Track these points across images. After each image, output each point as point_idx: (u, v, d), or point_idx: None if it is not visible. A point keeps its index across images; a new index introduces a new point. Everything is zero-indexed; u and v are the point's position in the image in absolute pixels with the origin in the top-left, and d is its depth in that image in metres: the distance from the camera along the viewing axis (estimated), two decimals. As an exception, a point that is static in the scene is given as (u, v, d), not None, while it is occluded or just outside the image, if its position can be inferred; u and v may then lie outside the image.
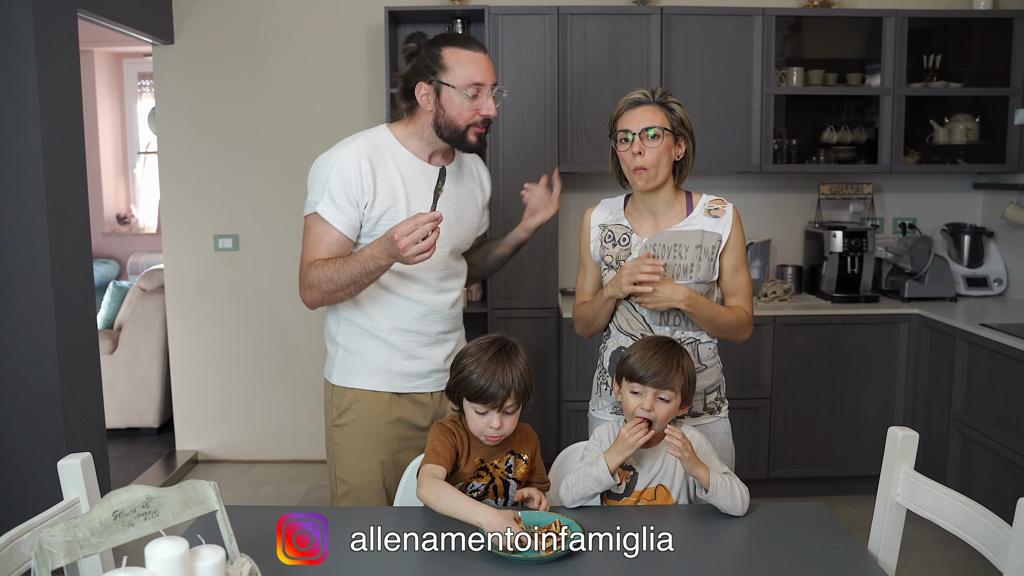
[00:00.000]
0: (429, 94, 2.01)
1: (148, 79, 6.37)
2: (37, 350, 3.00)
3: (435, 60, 1.99)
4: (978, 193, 4.25)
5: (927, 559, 3.22)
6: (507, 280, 3.86)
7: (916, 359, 3.69)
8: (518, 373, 1.79)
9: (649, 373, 1.79)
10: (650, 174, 2.01)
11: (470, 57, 1.99)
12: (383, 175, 2.01)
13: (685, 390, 1.83)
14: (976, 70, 4.05)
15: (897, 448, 1.71)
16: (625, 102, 2.05)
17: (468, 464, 1.85)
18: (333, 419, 2.13)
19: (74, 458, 1.58)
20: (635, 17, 3.77)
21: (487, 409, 1.79)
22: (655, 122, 2.00)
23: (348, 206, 1.98)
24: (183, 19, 4.10)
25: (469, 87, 1.98)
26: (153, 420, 4.72)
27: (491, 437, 1.81)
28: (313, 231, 2.00)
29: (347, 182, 1.97)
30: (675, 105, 2.03)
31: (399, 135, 2.08)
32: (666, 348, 1.84)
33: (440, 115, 2.01)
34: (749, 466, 3.71)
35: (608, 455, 1.78)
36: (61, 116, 3.05)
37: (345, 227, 1.99)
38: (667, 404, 1.81)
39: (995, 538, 1.46)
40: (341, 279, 1.94)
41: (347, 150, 2.00)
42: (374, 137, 2.06)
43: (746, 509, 1.78)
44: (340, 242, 2.00)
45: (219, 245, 4.24)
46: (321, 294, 1.98)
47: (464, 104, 1.99)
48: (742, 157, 3.86)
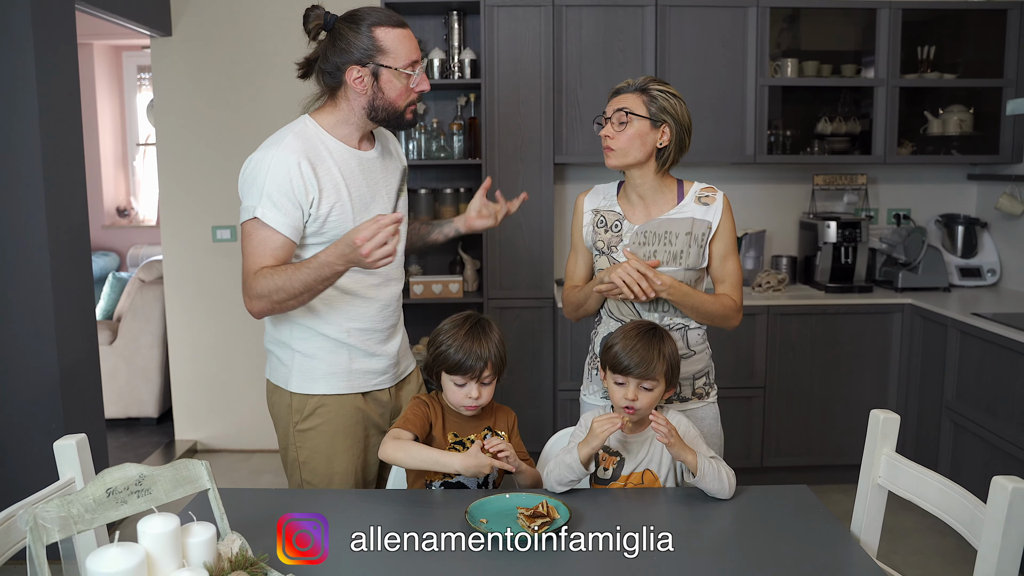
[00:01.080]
0: (364, 77, 1.91)
1: (147, 72, 6.39)
2: (37, 340, 3.03)
3: (367, 41, 1.89)
4: (972, 184, 4.27)
5: (919, 547, 3.25)
6: (503, 270, 3.89)
7: (909, 349, 3.72)
8: (493, 346, 1.87)
9: (632, 364, 1.81)
10: (616, 153, 2.06)
11: (404, 35, 1.93)
12: (323, 171, 1.92)
13: (669, 376, 1.85)
14: (970, 61, 4.06)
15: (879, 431, 1.74)
16: (612, 91, 2.11)
17: (442, 435, 1.90)
18: (295, 424, 2.04)
19: (70, 439, 1.61)
20: (630, 8, 3.78)
21: (465, 380, 1.86)
22: (625, 104, 2.04)
23: (290, 207, 1.87)
24: (181, 11, 4.12)
25: (407, 66, 1.92)
26: (152, 410, 4.76)
27: (470, 407, 1.88)
28: (255, 237, 1.89)
29: (289, 183, 1.86)
30: (658, 92, 2.05)
31: (326, 124, 1.98)
32: (647, 336, 1.85)
33: (378, 97, 1.93)
34: (743, 455, 3.75)
35: (580, 446, 1.80)
36: (59, 109, 3.07)
37: (289, 230, 1.88)
38: (650, 392, 1.83)
39: (971, 516, 1.49)
40: (294, 287, 1.84)
41: (282, 150, 1.89)
42: (303, 132, 1.95)
43: (732, 492, 1.81)
44: (285, 246, 1.89)
45: (217, 236, 4.27)
46: (271, 304, 1.87)
47: (404, 84, 1.93)
48: (737, 148, 3.89)
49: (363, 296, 2.02)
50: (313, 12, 1.94)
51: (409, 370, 2.21)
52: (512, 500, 1.71)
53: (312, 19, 1.94)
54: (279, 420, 2.09)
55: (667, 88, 2.07)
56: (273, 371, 2.09)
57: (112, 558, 1.21)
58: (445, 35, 3.99)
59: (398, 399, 2.16)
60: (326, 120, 1.99)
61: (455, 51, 3.94)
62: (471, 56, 3.91)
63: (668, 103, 2.04)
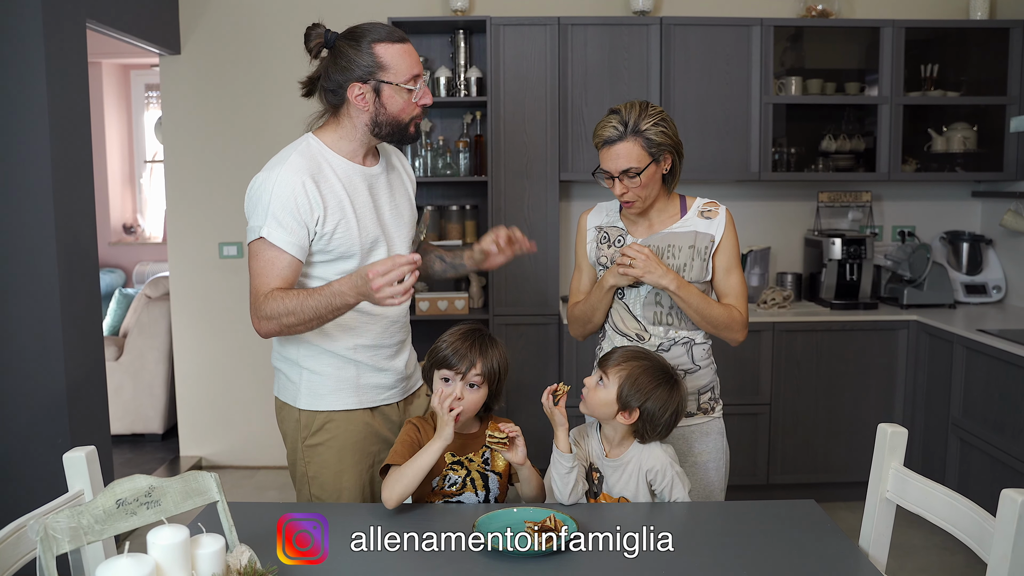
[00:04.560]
0: (366, 94, 1.92)
1: (155, 90, 6.45)
2: (44, 355, 3.03)
3: (368, 58, 1.90)
4: (976, 201, 4.28)
5: (925, 564, 3.24)
6: (508, 287, 3.90)
7: (915, 365, 3.71)
8: (488, 355, 1.86)
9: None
10: (637, 205, 2.07)
11: (405, 50, 1.93)
12: (327, 188, 1.92)
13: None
14: (973, 79, 4.08)
15: (886, 444, 1.74)
16: (599, 138, 2.04)
17: (439, 457, 1.85)
18: (303, 440, 2.04)
19: (79, 451, 1.61)
20: (635, 27, 3.82)
21: (452, 375, 1.85)
22: (631, 162, 2.00)
23: (296, 226, 1.88)
24: (190, 30, 4.16)
25: (409, 81, 1.92)
26: (157, 426, 4.76)
27: (451, 408, 1.79)
28: (262, 257, 1.90)
29: (294, 202, 1.87)
30: (651, 130, 2.00)
31: (328, 142, 1.99)
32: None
33: (380, 113, 1.94)
34: (748, 472, 3.74)
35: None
36: (70, 125, 3.10)
37: (295, 249, 1.89)
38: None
39: (980, 530, 1.49)
40: (304, 313, 1.84)
41: (286, 170, 1.90)
42: (306, 150, 1.95)
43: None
44: (292, 266, 1.90)
45: (224, 253, 4.29)
46: (280, 326, 1.87)
47: (407, 99, 1.93)
48: (741, 165, 3.90)
49: (370, 313, 2.02)
50: (314, 31, 1.95)
51: (418, 385, 2.21)
52: (520, 514, 1.70)
53: (313, 37, 1.95)
54: (288, 435, 2.09)
55: (656, 118, 2.01)
56: (281, 389, 2.09)
57: (122, 569, 1.22)
58: (451, 53, 4.02)
59: (407, 414, 2.15)
60: (329, 137, 1.99)
61: (461, 69, 3.97)
62: (477, 74, 3.94)
63: (663, 135, 2.02)
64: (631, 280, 2.05)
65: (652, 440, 1.87)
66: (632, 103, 2.04)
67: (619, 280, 2.06)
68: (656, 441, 1.88)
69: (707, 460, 2.14)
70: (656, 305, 2.10)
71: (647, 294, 2.10)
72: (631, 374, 1.84)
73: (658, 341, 2.10)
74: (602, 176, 2.07)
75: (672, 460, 1.88)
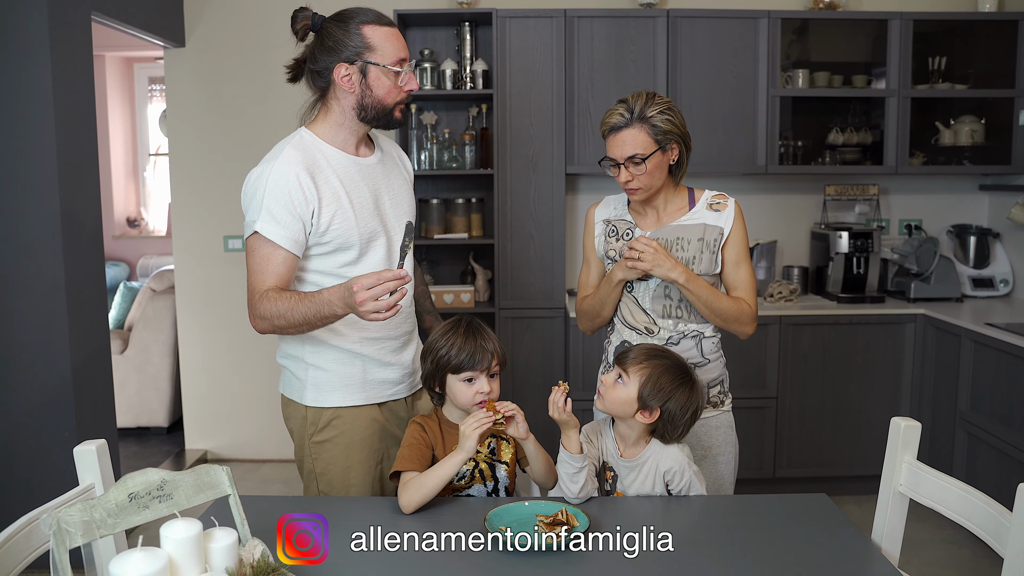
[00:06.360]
0: (352, 75, 1.92)
1: (158, 83, 6.43)
2: (50, 348, 3.03)
3: (355, 39, 1.90)
4: (984, 194, 4.26)
5: (933, 558, 3.23)
6: (515, 280, 3.89)
7: (922, 359, 3.70)
8: (492, 340, 1.88)
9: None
10: (642, 192, 2.06)
11: (392, 33, 1.93)
12: (322, 180, 1.92)
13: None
14: (981, 72, 4.06)
15: (900, 438, 1.73)
16: (606, 125, 2.04)
17: (446, 453, 1.84)
18: (310, 436, 2.03)
19: (90, 444, 1.61)
20: (641, 19, 3.80)
21: (475, 375, 1.84)
22: (637, 148, 2.00)
23: (290, 220, 1.87)
24: (194, 22, 4.15)
25: (395, 64, 1.92)
26: (162, 419, 4.76)
27: (483, 404, 1.82)
28: (258, 253, 1.89)
29: (288, 196, 1.86)
30: (657, 117, 2.00)
31: (322, 133, 1.99)
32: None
33: (366, 95, 1.93)
34: (755, 465, 3.73)
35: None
36: (75, 118, 3.09)
37: (289, 243, 1.88)
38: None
39: (996, 524, 1.48)
40: (294, 318, 1.83)
41: (280, 163, 1.89)
42: (300, 143, 1.95)
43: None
44: (287, 261, 1.89)
45: (229, 246, 4.28)
46: (272, 326, 1.87)
47: (393, 82, 1.93)
48: (748, 158, 3.89)
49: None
50: (301, 13, 1.95)
51: None
52: (531, 508, 1.70)
53: (300, 20, 1.95)
54: (295, 432, 2.08)
55: (662, 106, 2.02)
56: (287, 385, 2.09)
57: (135, 562, 1.21)
58: (457, 46, 4.00)
59: (414, 409, 2.15)
60: (321, 129, 2.00)
61: (467, 62, 3.95)
62: (483, 67, 3.93)
63: (669, 123, 2.01)
64: (640, 274, 2.04)
65: (673, 442, 1.86)
66: (639, 93, 2.05)
67: (628, 274, 2.05)
68: (675, 442, 1.87)
69: (717, 453, 2.13)
70: (665, 298, 2.09)
71: (656, 287, 2.09)
72: (652, 373, 1.82)
73: (667, 334, 2.09)
74: (608, 165, 2.06)
75: (689, 460, 1.87)
